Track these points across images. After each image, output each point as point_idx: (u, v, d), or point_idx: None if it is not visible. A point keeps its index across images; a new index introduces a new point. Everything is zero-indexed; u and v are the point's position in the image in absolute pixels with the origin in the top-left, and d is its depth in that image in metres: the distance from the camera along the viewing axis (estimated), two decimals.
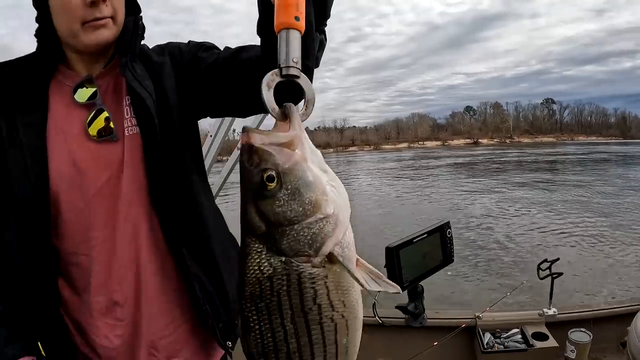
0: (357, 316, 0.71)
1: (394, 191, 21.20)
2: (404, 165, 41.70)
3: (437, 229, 2.07)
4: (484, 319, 2.06)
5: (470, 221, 12.48)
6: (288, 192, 0.64)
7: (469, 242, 10.05)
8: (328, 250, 0.64)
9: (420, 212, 14.35)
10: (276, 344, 0.67)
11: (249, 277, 0.66)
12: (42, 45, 0.98)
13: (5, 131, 0.92)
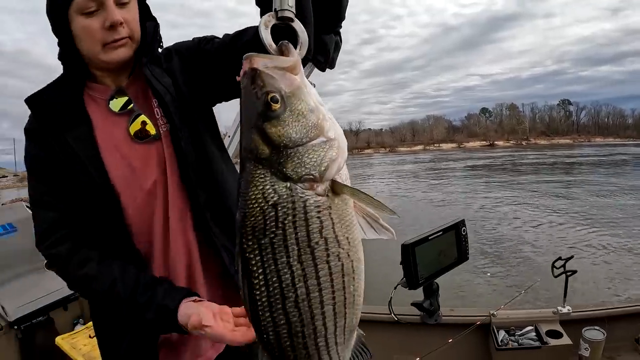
0: (361, 258, 0.71)
1: (411, 192, 21.23)
2: (421, 167, 41.61)
3: (452, 227, 2.09)
4: (498, 316, 2.08)
5: (486, 221, 12.58)
6: (292, 113, 0.64)
7: (485, 241, 10.09)
8: (332, 175, 0.65)
9: (437, 213, 14.42)
10: (283, 290, 0.65)
11: (252, 207, 0.64)
12: (68, 67, 1.09)
13: (59, 149, 1.02)
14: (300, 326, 0.68)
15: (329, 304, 0.68)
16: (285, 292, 0.65)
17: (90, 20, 0.97)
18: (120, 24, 0.98)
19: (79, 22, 0.98)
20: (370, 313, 2.37)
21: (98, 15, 0.97)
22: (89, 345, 3.01)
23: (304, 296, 0.66)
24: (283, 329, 0.68)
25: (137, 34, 1.05)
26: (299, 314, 0.67)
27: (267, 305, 0.67)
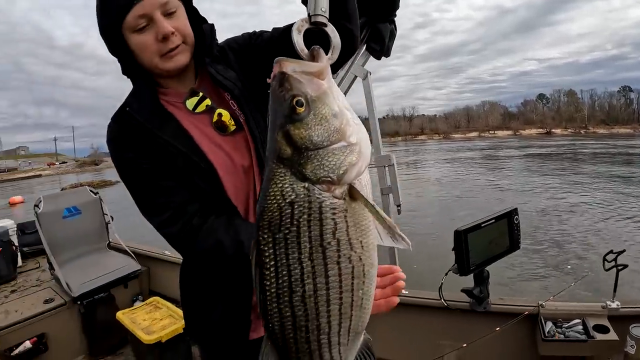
0: (374, 264, 0.73)
1: (466, 180, 20.92)
2: (478, 154, 40.65)
3: (504, 215, 2.07)
4: (546, 307, 2.05)
5: (540, 210, 12.26)
6: (316, 117, 0.67)
7: (538, 231, 9.84)
8: (350, 179, 0.67)
9: (492, 201, 14.17)
10: (291, 284, 0.68)
11: (270, 203, 0.67)
12: (135, 80, 1.17)
13: (160, 148, 1.10)
14: (304, 321, 0.70)
15: (335, 304, 0.70)
16: (294, 286, 0.68)
17: (144, 36, 1.04)
18: (172, 34, 1.05)
19: (133, 39, 1.05)
20: (420, 298, 2.40)
21: (150, 30, 1.04)
22: (148, 320, 3.19)
23: (311, 292, 0.68)
24: (288, 320, 0.70)
25: (190, 38, 1.12)
26: (305, 309, 0.69)
27: (275, 296, 0.69)
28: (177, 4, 1.08)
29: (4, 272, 4.20)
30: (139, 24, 1.02)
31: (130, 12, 1.01)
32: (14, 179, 76.26)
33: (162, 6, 1.03)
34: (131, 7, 1.00)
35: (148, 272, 4.10)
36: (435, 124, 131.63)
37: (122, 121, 1.14)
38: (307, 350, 0.72)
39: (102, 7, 1.05)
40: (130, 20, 1.02)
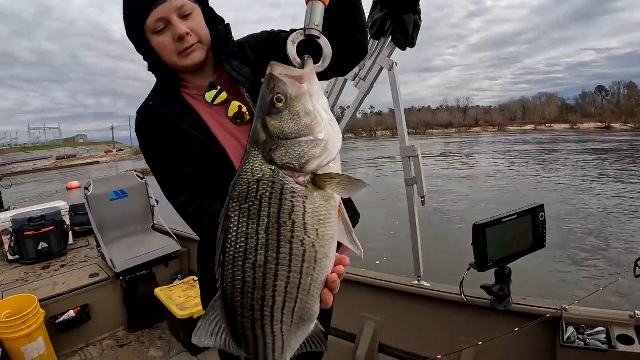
0: (328, 254, 0.81)
1: (523, 174, 20.34)
2: (535, 148, 39.59)
3: (528, 211, 2.04)
4: (570, 311, 1.99)
5: (582, 210, 11.84)
6: (290, 112, 0.79)
7: (570, 231, 9.54)
8: (311, 169, 0.78)
9: (545, 197, 13.62)
10: (246, 251, 0.78)
11: (242, 178, 0.79)
12: (159, 76, 1.31)
13: (178, 137, 1.22)
14: (252, 288, 0.79)
15: (281, 280, 0.79)
16: (248, 254, 0.78)
17: (163, 37, 1.17)
18: (187, 34, 1.17)
19: (154, 40, 1.19)
20: (441, 292, 2.40)
21: (168, 32, 1.17)
22: (183, 297, 3.38)
23: (261, 263, 0.77)
24: (238, 284, 0.79)
25: (205, 37, 1.23)
26: (254, 277, 0.78)
27: (232, 259, 0.79)
28: (193, 6, 1.20)
29: (56, 249, 4.53)
30: (157, 26, 1.16)
31: (150, 16, 1.14)
32: (73, 166, 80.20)
33: (178, 9, 1.15)
34: (150, 12, 1.13)
35: (188, 253, 4.26)
36: (490, 115, 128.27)
37: (146, 114, 1.27)
38: (250, 317, 0.81)
39: (126, 12, 1.19)
40: (150, 23, 1.15)
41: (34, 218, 4.41)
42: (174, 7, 1.14)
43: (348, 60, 1.22)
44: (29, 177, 58.06)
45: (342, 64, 1.21)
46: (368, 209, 12.94)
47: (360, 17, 1.15)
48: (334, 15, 1.06)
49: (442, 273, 6.59)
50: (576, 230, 9.80)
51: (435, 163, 29.43)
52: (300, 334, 0.87)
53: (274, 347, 0.85)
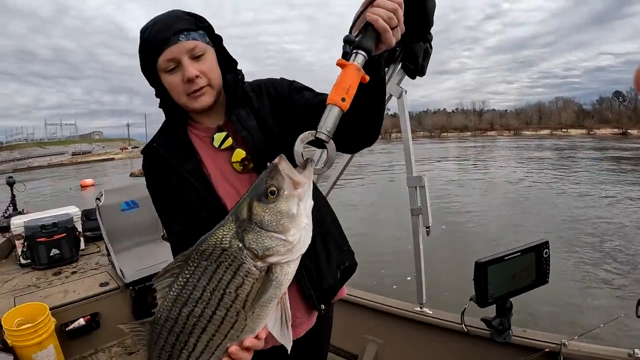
0: (254, 330, 0.90)
1: (542, 184, 19.78)
2: (554, 155, 38.61)
3: (532, 249, 2.05)
4: (569, 347, 1.98)
5: (598, 229, 11.05)
6: (275, 208, 0.86)
7: (590, 250, 9.12)
8: (271, 262, 0.85)
9: (561, 210, 13.36)
10: (189, 299, 0.86)
11: (211, 239, 0.87)
12: (168, 113, 1.33)
13: (177, 181, 1.25)
14: (179, 330, 0.88)
15: (207, 335, 0.88)
16: (189, 302, 0.87)
17: (173, 77, 1.19)
18: (196, 77, 1.17)
19: (164, 78, 1.21)
20: (442, 320, 2.42)
21: (178, 72, 1.18)
22: None
23: (196, 314, 0.87)
24: (170, 322, 0.89)
25: (216, 80, 1.24)
26: (185, 322, 0.88)
27: (174, 298, 0.88)
28: (205, 48, 1.20)
29: (67, 255, 4.61)
30: (168, 66, 1.17)
31: (161, 56, 1.16)
32: (88, 162, 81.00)
33: (189, 51, 1.17)
34: (162, 51, 1.15)
35: None
36: (506, 119, 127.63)
37: (150, 155, 1.31)
38: (168, 352, 0.91)
39: (141, 48, 1.20)
40: (161, 62, 1.17)
41: (47, 225, 4.49)
42: (186, 49, 1.16)
43: (359, 143, 1.23)
44: (44, 172, 58.88)
45: (352, 145, 1.24)
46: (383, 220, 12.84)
47: (382, 108, 1.14)
48: (357, 101, 1.07)
49: (450, 281, 6.65)
50: (600, 246, 9.44)
51: (450, 169, 29.03)
52: None
53: None
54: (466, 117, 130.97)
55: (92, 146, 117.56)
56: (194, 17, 1.22)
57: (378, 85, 1.07)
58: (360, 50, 0.91)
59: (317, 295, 1.37)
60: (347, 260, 1.52)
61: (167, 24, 1.16)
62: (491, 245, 9.18)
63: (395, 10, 0.91)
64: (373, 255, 8.89)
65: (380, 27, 0.90)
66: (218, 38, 1.29)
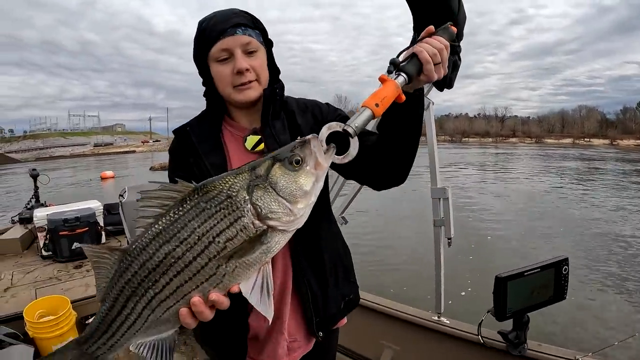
0: (225, 288, 0.88)
1: (569, 196, 19.08)
2: (580, 165, 37.65)
3: (552, 265, 2.06)
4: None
5: (620, 244, 10.63)
6: (294, 177, 0.88)
7: (600, 272, 8.65)
8: (268, 225, 0.86)
9: (580, 223, 12.99)
10: (174, 236, 0.84)
11: (219, 183, 0.87)
12: (210, 103, 1.33)
13: (198, 171, 1.25)
14: (152, 267, 0.85)
15: (179, 280, 0.85)
16: (173, 240, 0.85)
17: (223, 67, 1.22)
18: (246, 70, 1.21)
19: (214, 67, 1.24)
20: (459, 330, 2.44)
21: (229, 63, 1.21)
22: None
23: (176, 255, 0.84)
24: (145, 255, 0.86)
25: (263, 78, 1.27)
26: (161, 261, 0.85)
27: (159, 232, 0.85)
28: (259, 46, 1.25)
29: None
30: (220, 55, 1.21)
31: (216, 45, 1.20)
32: (110, 153, 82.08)
33: (244, 45, 1.21)
34: (217, 41, 1.19)
35: None
36: (528, 126, 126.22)
37: (181, 137, 1.33)
38: (133, 287, 0.88)
39: (197, 36, 1.25)
40: (214, 51, 1.21)
41: (69, 219, 4.61)
42: (240, 42, 1.20)
43: (388, 179, 1.26)
44: (66, 162, 59.85)
45: (381, 180, 1.27)
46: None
47: (414, 145, 1.18)
48: (393, 133, 1.15)
49: (466, 291, 6.61)
50: (621, 262, 9.08)
51: (471, 175, 28.62)
52: (156, 330, 0.93)
53: (131, 323, 0.91)
54: (488, 123, 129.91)
55: (114, 138, 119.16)
56: (251, 16, 1.27)
57: (415, 120, 1.13)
58: (402, 72, 0.98)
59: (317, 321, 1.37)
60: (352, 293, 1.52)
61: (226, 17, 1.21)
62: (510, 257, 9.12)
63: (441, 50, 1.00)
64: (388, 261, 8.91)
65: (423, 59, 0.98)
66: (270, 43, 1.33)
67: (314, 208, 1.28)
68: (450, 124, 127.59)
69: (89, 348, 0.95)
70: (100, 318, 0.93)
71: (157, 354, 0.94)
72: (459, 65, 2.19)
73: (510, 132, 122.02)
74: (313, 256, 1.36)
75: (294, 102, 1.40)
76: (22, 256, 4.89)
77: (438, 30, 1.05)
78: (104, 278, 0.92)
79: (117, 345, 0.94)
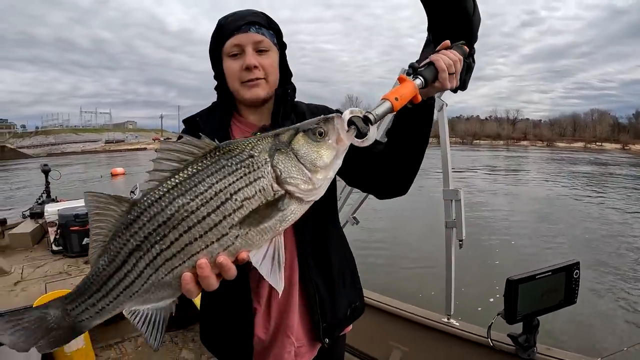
0: (234, 254, 0.85)
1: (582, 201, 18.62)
2: (593, 169, 36.98)
3: (563, 269, 2.05)
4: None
5: (633, 249, 10.55)
6: (316, 147, 0.90)
7: (609, 277, 8.58)
8: (286, 189, 0.86)
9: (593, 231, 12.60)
10: (189, 190, 0.83)
11: (242, 143, 0.88)
12: (220, 97, 1.36)
13: None
14: (163, 220, 0.83)
15: (187, 237, 0.83)
16: (189, 193, 0.83)
17: (234, 62, 1.26)
18: (255, 67, 1.24)
19: (225, 63, 1.28)
20: (469, 332, 2.44)
21: (239, 59, 1.25)
22: None
23: (190, 209, 0.82)
24: (156, 207, 0.84)
25: (272, 78, 1.30)
26: (172, 214, 0.83)
27: (175, 184, 0.84)
28: (271, 46, 1.29)
29: None
30: (232, 51, 1.25)
31: (229, 40, 1.24)
32: (121, 150, 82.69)
33: (255, 43, 1.25)
34: (231, 36, 1.24)
35: None
36: (539, 130, 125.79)
37: (190, 126, 1.35)
38: (139, 241, 0.84)
39: (214, 32, 1.30)
40: (227, 46, 1.25)
41: (80, 215, 4.59)
42: (253, 40, 1.24)
43: (391, 187, 1.30)
44: (78, 158, 60.35)
45: (385, 187, 1.31)
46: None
47: (421, 153, 1.22)
48: (401, 138, 1.19)
49: (475, 292, 6.57)
50: (633, 268, 8.97)
51: (481, 177, 28.42)
52: (154, 296, 0.88)
53: (129, 283, 0.86)
54: (499, 125, 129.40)
55: (125, 135, 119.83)
56: (268, 17, 1.31)
57: (424, 128, 1.18)
58: (419, 76, 1.06)
59: (324, 327, 1.36)
60: (358, 300, 1.52)
61: (242, 15, 1.26)
62: (520, 260, 9.10)
63: (456, 62, 1.09)
64: (397, 261, 8.89)
65: (439, 67, 1.06)
66: (284, 45, 1.37)
67: (323, 208, 1.29)
68: (461, 126, 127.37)
69: (75, 309, 0.89)
70: (95, 274, 0.87)
71: (150, 324, 0.90)
72: (472, 68, 2.19)
73: (522, 135, 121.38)
74: (321, 257, 1.37)
75: (304, 106, 1.43)
76: (32, 250, 4.90)
77: (453, 46, 1.15)
78: (103, 232, 0.87)
79: (107, 309, 0.89)
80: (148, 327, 0.89)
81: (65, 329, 0.91)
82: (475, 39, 2.02)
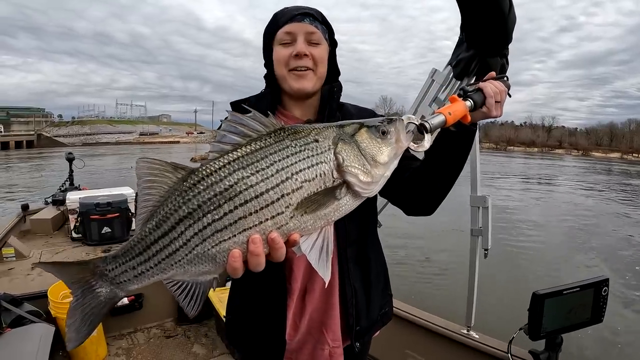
0: (283, 235, 0.84)
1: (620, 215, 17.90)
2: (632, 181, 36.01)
3: (591, 285, 1.94)
4: None
5: None
6: (378, 144, 0.91)
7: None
8: (346, 179, 0.86)
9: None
10: (251, 164, 0.83)
11: (308, 128, 0.89)
12: (268, 85, 1.37)
13: None
14: (218, 191, 0.82)
15: (242, 210, 0.81)
16: (249, 168, 0.83)
17: (284, 50, 1.25)
18: (305, 55, 1.23)
19: (276, 50, 1.27)
20: (489, 346, 2.34)
21: (290, 47, 1.25)
22: None
23: (249, 184, 0.82)
24: (213, 177, 0.83)
25: (320, 70, 1.29)
26: (231, 185, 0.82)
27: (237, 157, 0.84)
28: (322, 40, 1.28)
29: (118, 234, 4.78)
30: (284, 39, 1.25)
31: (282, 28, 1.25)
32: (154, 142, 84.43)
33: (308, 34, 1.25)
34: (285, 24, 1.24)
35: None
36: (575, 138, 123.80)
37: (237, 110, 1.31)
38: (192, 209, 0.82)
39: (269, 22, 1.31)
40: (280, 34, 1.25)
41: (101, 204, 4.67)
42: (305, 30, 1.24)
43: (420, 205, 1.32)
44: (112, 148, 61.94)
45: (413, 204, 1.33)
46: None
47: (454, 176, 1.24)
48: (437, 158, 1.20)
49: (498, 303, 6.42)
50: None
51: (513, 186, 27.80)
52: (196, 269, 0.86)
53: (173, 250, 0.84)
54: (534, 132, 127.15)
55: (160, 128, 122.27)
56: (322, 14, 1.31)
57: (462, 152, 1.20)
58: (469, 98, 1.11)
59: (357, 330, 1.35)
60: (388, 306, 1.53)
61: (298, 7, 1.27)
62: (545, 274, 8.85)
63: (502, 92, 1.16)
64: (415, 268, 8.80)
65: (487, 93, 1.13)
66: (334, 43, 1.36)
67: (366, 211, 1.32)
68: (495, 131, 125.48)
69: (114, 270, 0.88)
70: (139, 237, 0.85)
71: (188, 296, 0.88)
72: (506, 69, 2.12)
73: (557, 143, 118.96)
74: (362, 261, 1.37)
75: (351, 107, 1.43)
76: (52, 237, 5.00)
77: (497, 78, 1.21)
78: (154, 198, 0.86)
79: (146, 274, 0.86)
80: (186, 297, 0.88)
81: (104, 293, 0.90)
82: (510, 39, 1.95)
